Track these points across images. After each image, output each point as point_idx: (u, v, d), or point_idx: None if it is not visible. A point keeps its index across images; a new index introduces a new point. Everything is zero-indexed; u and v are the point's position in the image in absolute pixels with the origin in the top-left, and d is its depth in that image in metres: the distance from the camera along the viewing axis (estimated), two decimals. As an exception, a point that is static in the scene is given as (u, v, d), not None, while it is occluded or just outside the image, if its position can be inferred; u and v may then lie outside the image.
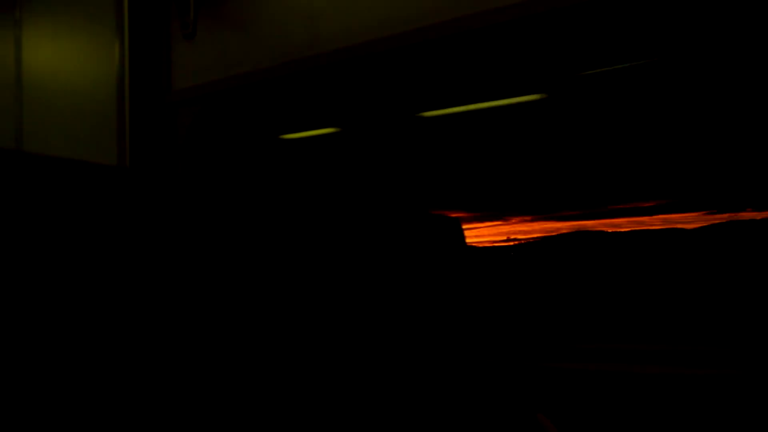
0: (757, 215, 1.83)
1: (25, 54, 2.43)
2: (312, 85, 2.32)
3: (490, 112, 2.17)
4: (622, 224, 2.04)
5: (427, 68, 2.18)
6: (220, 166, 2.53)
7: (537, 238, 2.14)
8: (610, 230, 2.05)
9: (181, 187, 0.56)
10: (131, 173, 0.52)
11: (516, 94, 2.12)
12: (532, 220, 2.18)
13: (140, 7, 2.23)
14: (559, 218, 2.13)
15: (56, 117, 2.35)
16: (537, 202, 2.16)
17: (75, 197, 0.47)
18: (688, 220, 1.94)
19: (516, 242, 2.18)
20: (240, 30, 2.38)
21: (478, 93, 2.16)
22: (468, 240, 2.34)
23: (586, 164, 2.04)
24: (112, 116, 2.24)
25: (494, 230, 2.24)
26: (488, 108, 2.17)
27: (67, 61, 2.35)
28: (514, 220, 2.21)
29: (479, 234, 2.26)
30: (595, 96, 2.01)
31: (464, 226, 2.39)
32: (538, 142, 2.11)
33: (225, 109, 2.49)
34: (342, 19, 2.24)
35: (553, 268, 2.04)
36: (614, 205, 2.05)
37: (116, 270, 0.49)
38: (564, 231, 2.11)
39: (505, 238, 2.21)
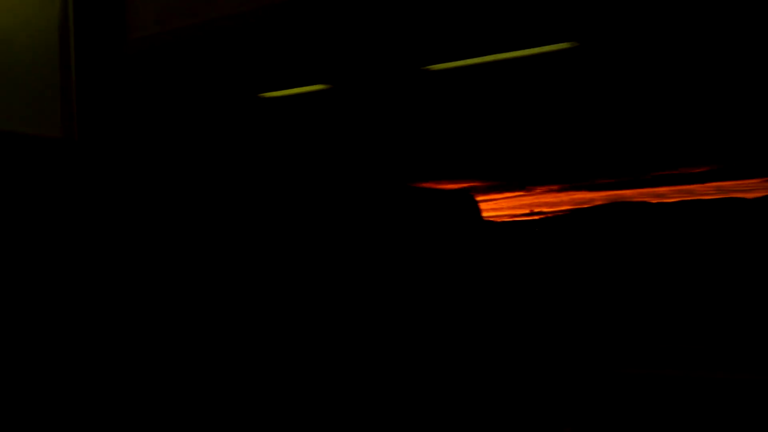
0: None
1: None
2: (296, 32, 1.95)
3: (507, 64, 1.85)
4: (667, 194, 1.77)
5: (436, 10, 1.83)
6: (184, 133, 2.16)
7: (566, 211, 1.86)
8: (653, 201, 1.78)
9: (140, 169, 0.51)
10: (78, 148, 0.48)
11: (541, 43, 1.80)
12: (559, 190, 1.89)
13: None
14: (591, 188, 1.85)
15: None
16: (565, 168, 1.87)
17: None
18: (747, 188, 1.68)
19: (541, 216, 1.90)
20: None
21: (495, 42, 1.84)
22: (485, 214, 2.04)
23: (622, 124, 1.76)
24: (55, 72, 1.86)
25: (515, 202, 1.94)
26: (506, 60, 1.85)
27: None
28: (538, 191, 1.92)
29: (497, 206, 1.96)
30: (632, 44, 1.71)
31: (479, 198, 2.11)
32: (566, 98, 1.81)
33: (191, 63, 2.11)
34: None
35: (586, 247, 1.76)
36: (657, 171, 1.78)
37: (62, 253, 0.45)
38: (598, 202, 1.83)
39: (528, 211, 1.93)
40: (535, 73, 1.82)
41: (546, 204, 1.91)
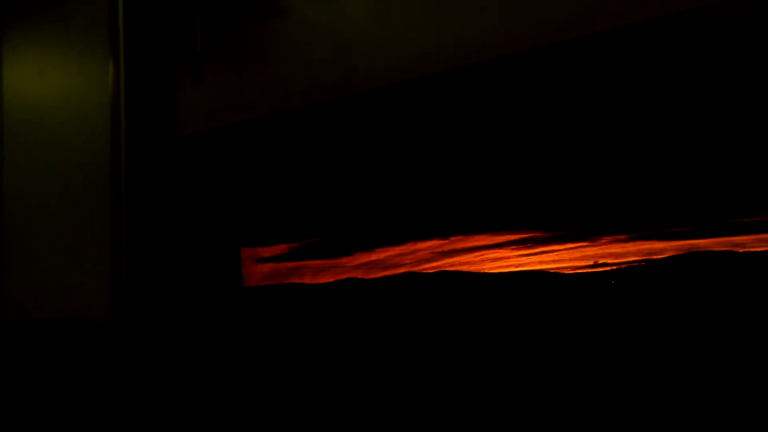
0: None
1: (6, 93, 2.10)
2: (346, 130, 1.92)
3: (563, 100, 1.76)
4: (747, 243, 1.61)
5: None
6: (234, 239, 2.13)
7: (636, 262, 1.72)
8: (732, 250, 1.61)
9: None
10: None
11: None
12: (626, 240, 1.76)
13: (138, 37, 1.86)
14: (661, 237, 1.71)
15: (41, 164, 2.04)
16: (632, 216, 1.74)
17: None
18: (841, 236, 1.50)
19: (608, 268, 1.76)
20: (255, 65, 2.00)
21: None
22: (544, 266, 1.92)
23: (695, 165, 1.62)
24: (106, 169, 1.90)
25: (577, 253, 1.82)
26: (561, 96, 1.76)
27: (55, 98, 2.02)
28: (602, 240, 1.79)
29: (558, 258, 1.84)
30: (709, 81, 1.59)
31: (540, 248, 1.99)
32: (631, 138, 1.69)
33: (240, 160, 2.10)
34: (381, 52, 1.85)
35: (668, 301, 1.61)
36: (736, 218, 1.62)
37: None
38: (669, 253, 1.68)
39: (591, 263, 1.79)
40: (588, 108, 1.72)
41: (611, 255, 1.78)
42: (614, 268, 1.76)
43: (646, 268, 1.70)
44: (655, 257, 1.71)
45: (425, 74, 1.76)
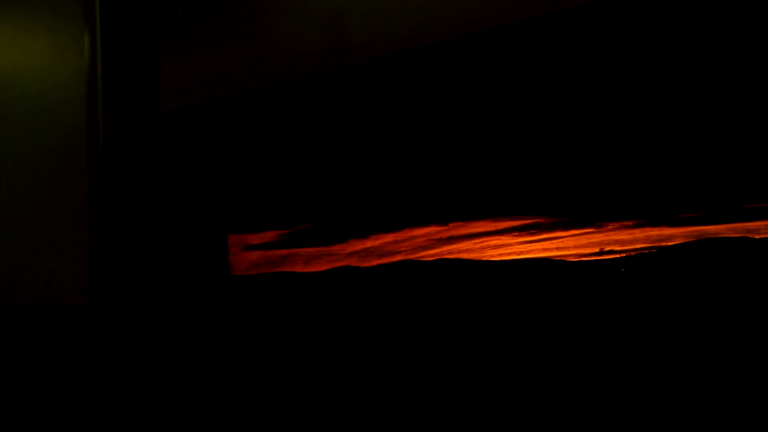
0: None
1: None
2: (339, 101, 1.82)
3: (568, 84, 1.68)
4: (761, 228, 1.54)
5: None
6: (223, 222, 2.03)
7: (645, 249, 1.65)
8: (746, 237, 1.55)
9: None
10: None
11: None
12: (633, 226, 1.69)
13: (116, 5, 1.74)
14: (670, 223, 1.64)
15: (12, 142, 1.93)
16: (640, 201, 1.67)
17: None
18: None
19: (615, 255, 1.69)
20: (242, 36, 1.90)
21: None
22: (549, 253, 1.85)
23: (706, 147, 1.55)
24: (82, 147, 1.79)
25: (583, 240, 1.75)
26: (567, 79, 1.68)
27: (26, 71, 1.90)
28: (609, 227, 1.71)
29: (563, 245, 1.77)
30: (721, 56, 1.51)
31: (543, 235, 1.92)
32: (638, 119, 1.62)
33: (226, 139, 2.00)
34: (376, 20, 1.75)
35: (679, 290, 1.55)
36: (749, 203, 1.55)
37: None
38: (678, 240, 1.62)
39: (597, 250, 1.72)
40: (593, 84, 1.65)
41: (618, 242, 1.71)
42: (621, 255, 1.69)
43: (656, 255, 1.63)
44: (664, 244, 1.64)
45: (423, 45, 1.67)
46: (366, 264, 1.86)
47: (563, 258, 1.75)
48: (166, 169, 1.86)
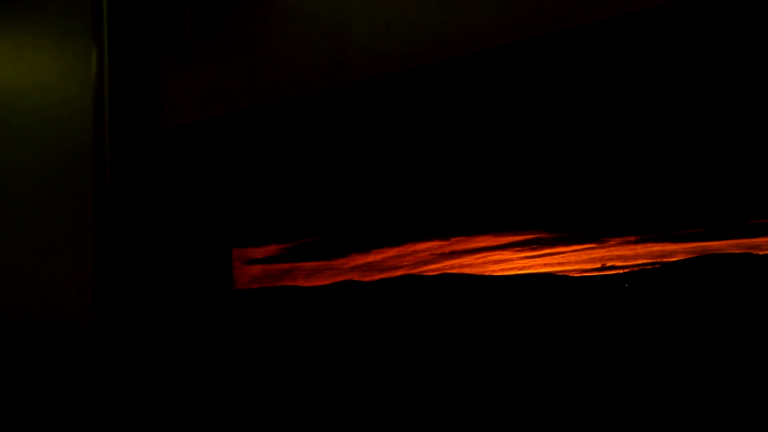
0: None
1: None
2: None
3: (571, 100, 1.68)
4: (763, 245, 1.53)
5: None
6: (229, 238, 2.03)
7: (647, 265, 1.64)
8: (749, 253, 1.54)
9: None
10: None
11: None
12: (636, 242, 1.68)
13: (123, 22, 1.76)
14: (673, 239, 1.63)
15: (18, 157, 1.94)
16: (642, 216, 1.66)
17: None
18: None
19: (617, 271, 1.68)
20: (247, 53, 1.91)
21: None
22: (551, 268, 1.84)
23: (709, 162, 1.54)
24: (89, 162, 1.80)
25: (584, 255, 1.74)
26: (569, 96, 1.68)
27: (33, 87, 1.92)
28: (611, 242, 1.71)
29: (564, 260, 1.76)
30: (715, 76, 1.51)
31: (545, 250, 1.91)
32: (641, 132, 1.61)
33: (230, 154, 2.01)
34: (380, 38, 1.76)
35: (682, 306, 1.53)
36: (753, 219, 1.54)
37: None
38: (681, 256, 1.61)
39: (599, 266, 1.71)
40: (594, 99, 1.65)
41: (620, 257, 1.70)
42: (624, 271, 1.68)
43: (658, 271, 1.62)
44: (666, 260, 1.63)
45: (426, 62, 1.68)
46: (368, 278, 1.86)
47: (565, 273, 1.75)
48: (171, 183, 1.87)
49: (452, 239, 1.85)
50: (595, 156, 1.67)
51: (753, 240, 1.54)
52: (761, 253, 1.52)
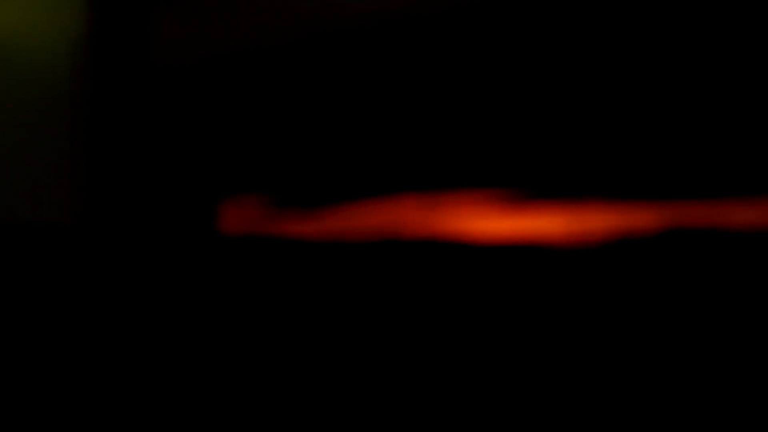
0: None
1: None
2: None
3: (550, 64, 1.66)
4: (739, 219, 1.54)
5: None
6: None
7: (624, 235, 1.66)
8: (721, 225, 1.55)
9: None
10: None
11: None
12: (609, 210, 1.69)
13: None
14: (651, 206, 1.64)
15: None
16: (618, 186, 1.67)
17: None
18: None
19: (596, 239, 1.70)
20: None
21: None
22: (529, 232, 1.86)
23: (690, 136, 1.54)
24: (68, 94, 1.76)
25: (563, 220, 1.75)
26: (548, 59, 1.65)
27: (12, 29, 1.86)
28: (592, 204, 1.72)
29: (539, 226, 1.78)
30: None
31: (521, 216, 1.92)
32: (617, 100, 1.60)
33: (217, 99, 1.98)
34: None
35: (661, 276, 1.56)
36: (731, 195, 1.55)
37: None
38: (651, 227, 1.63)
39: (579, 231, 1.73)
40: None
41: (593, 223, 1.72)
42: (600, 241, 1.70)
43: (636, 242, 1.64)
44: (644, 231, 1.65)
45: (416, 12, 1.64)
46: (350, 231, 1.89)
47: (545, 239, 1.77)
48: (158, 122, 1.87)
49: (433, 195, 1.87)
50: (569, 129, 1.66)
51: (729, 213, 1.55)
52: (736, 229, 1.53)
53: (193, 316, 1.89)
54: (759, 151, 1.46)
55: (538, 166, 1.75)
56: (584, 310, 1.61)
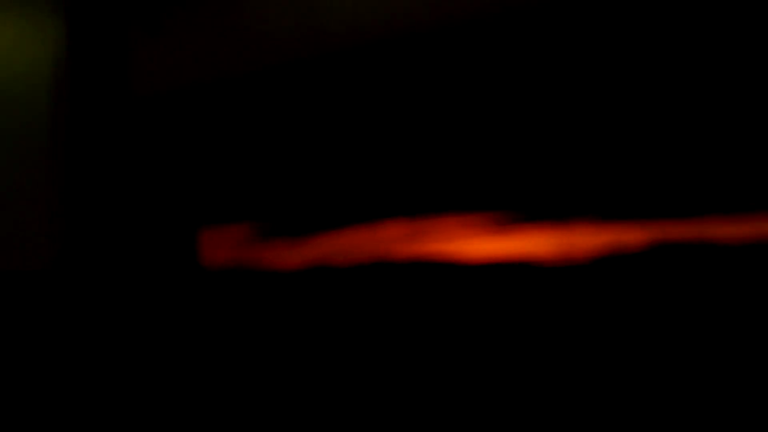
0: None
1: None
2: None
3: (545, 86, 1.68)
4: (725, 236, 1.57)
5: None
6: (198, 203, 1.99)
7: (613, 252, 1.67)
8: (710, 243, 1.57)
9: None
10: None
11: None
12: (599, 228, 1.70)
13: None
14: (639, 225, 1.66)
15: None
16: (603, 205, 1.69)
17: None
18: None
19: (582, 256, 1.71)
20: (218, 22, 1.85)
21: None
22: (517, 252, 1.86)
23: (677, 151, 1.57)
24: (46, 126, 1.72)
25: (551, 239, 1.76)
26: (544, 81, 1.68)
27: None
28: (577, 227, 1.73)
29: (530, 245, 1.78)
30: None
31: (511, 235, 1.92)
32: (606, 114, 1.63)
33: (198, 128, 1.95)
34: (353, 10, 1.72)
35: (647, 292, 1.57)
36: (716, 212, 1.57)
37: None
38: (640, 245, 1.64)
39: (566, 250, 1.74)
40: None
41: (584, 241, 1.73)
42: (590, 256, 1.71)
43: (623, 258, 1.65)
44: (632, 247, 1.67)
45: (405, 31, 1.65)
46: (338, 259, 1.86)
47: (532, 257, 1.77)
48: (137, 153, 1.82)
49: (420, 219, 1.86)
50: (561, 146, 1.68)
51: (713, 230, 1.57)
52: (722, 243, 1.55)
53: (178, 352, 1.83)
54: (743, 169, 1.49)
55: (523, 189, 1.76)
56: (573, 325, 1.61)
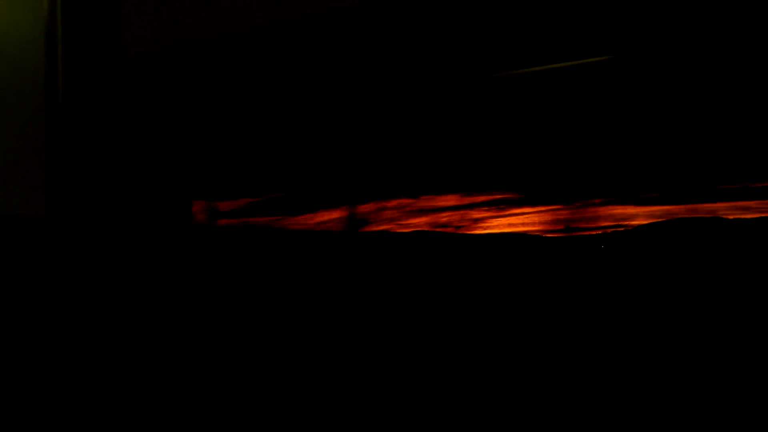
0: None
1: None
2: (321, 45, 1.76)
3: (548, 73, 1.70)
4: (720, 209, 1.61)
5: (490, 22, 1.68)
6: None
7: (608, 227, 1.69)
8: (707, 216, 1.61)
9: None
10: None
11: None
12: (600, 205, 1.73)
13: None
14: (635, 202, 1.69)
15: None
16: (607, 182, 1.71)
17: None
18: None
19: (580, 233, 1.73)
20: None
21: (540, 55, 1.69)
22: (514, 228, 1.87)
23: (673, 133, 1.60)
24: (41, 94, 1.68)
25: (548, 216, 1.78)
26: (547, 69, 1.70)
27: None
28: (575, 204, 1.75)
29: (528, 221, 1.80)
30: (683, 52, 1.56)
31: (508, 211, 1.94)
32: (610, 105, 1.66)
33: (192, 93, 1.92)
34: None
35: (646, 268, 1.58)
36: (712, 185, 1.61)
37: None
38: (641, 219, 1.67)
39: (563, 227, 1.76)
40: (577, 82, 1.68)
41: (584, 219, 1.75)
42: (587, 233, 1.73)
43: (623, 234, 1.67)
44: (628, 223, 1.69)
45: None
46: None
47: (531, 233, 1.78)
48: (129, 116, 1.78)
49: (421, 197, 1.86)
50: (559, 121, 1.70)
51: (710, 205, 1.61)
52: (727, 217, 1.58)
53: (172, 309, 1.77)
54: (747, 145, 1.54)
55: (523, 171, 1.77)
56: (574, 301, 1.61)
